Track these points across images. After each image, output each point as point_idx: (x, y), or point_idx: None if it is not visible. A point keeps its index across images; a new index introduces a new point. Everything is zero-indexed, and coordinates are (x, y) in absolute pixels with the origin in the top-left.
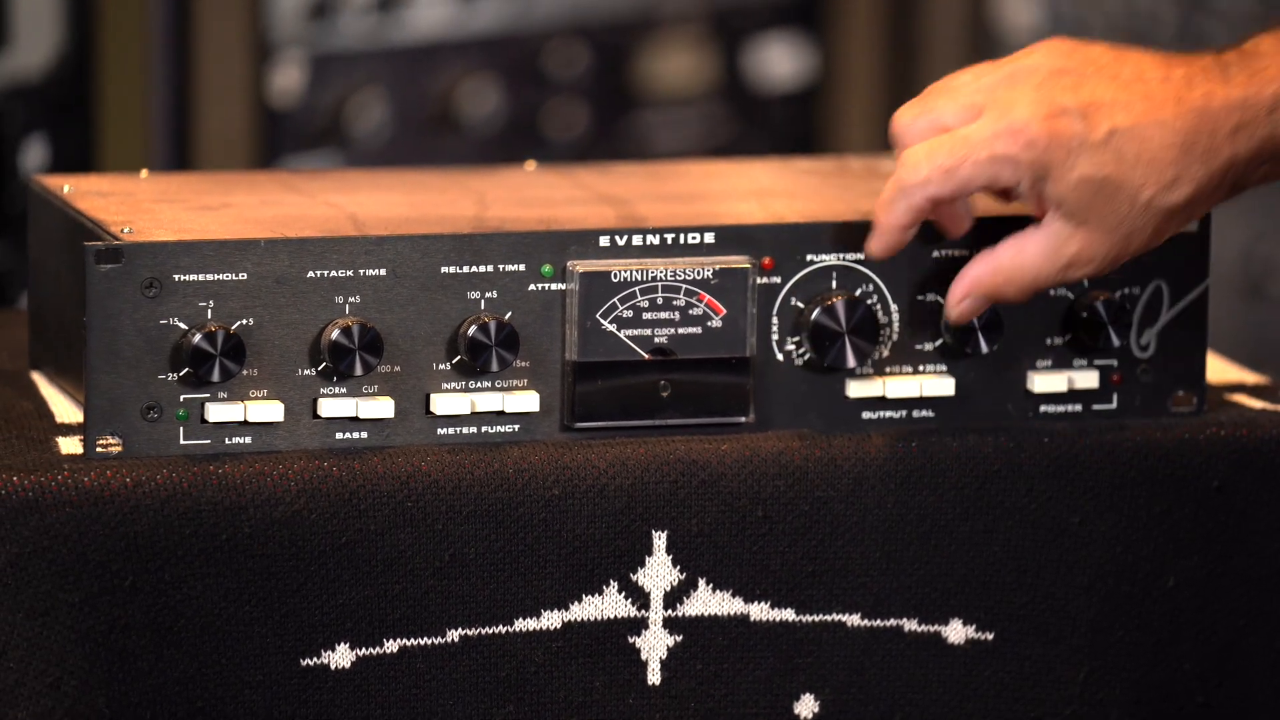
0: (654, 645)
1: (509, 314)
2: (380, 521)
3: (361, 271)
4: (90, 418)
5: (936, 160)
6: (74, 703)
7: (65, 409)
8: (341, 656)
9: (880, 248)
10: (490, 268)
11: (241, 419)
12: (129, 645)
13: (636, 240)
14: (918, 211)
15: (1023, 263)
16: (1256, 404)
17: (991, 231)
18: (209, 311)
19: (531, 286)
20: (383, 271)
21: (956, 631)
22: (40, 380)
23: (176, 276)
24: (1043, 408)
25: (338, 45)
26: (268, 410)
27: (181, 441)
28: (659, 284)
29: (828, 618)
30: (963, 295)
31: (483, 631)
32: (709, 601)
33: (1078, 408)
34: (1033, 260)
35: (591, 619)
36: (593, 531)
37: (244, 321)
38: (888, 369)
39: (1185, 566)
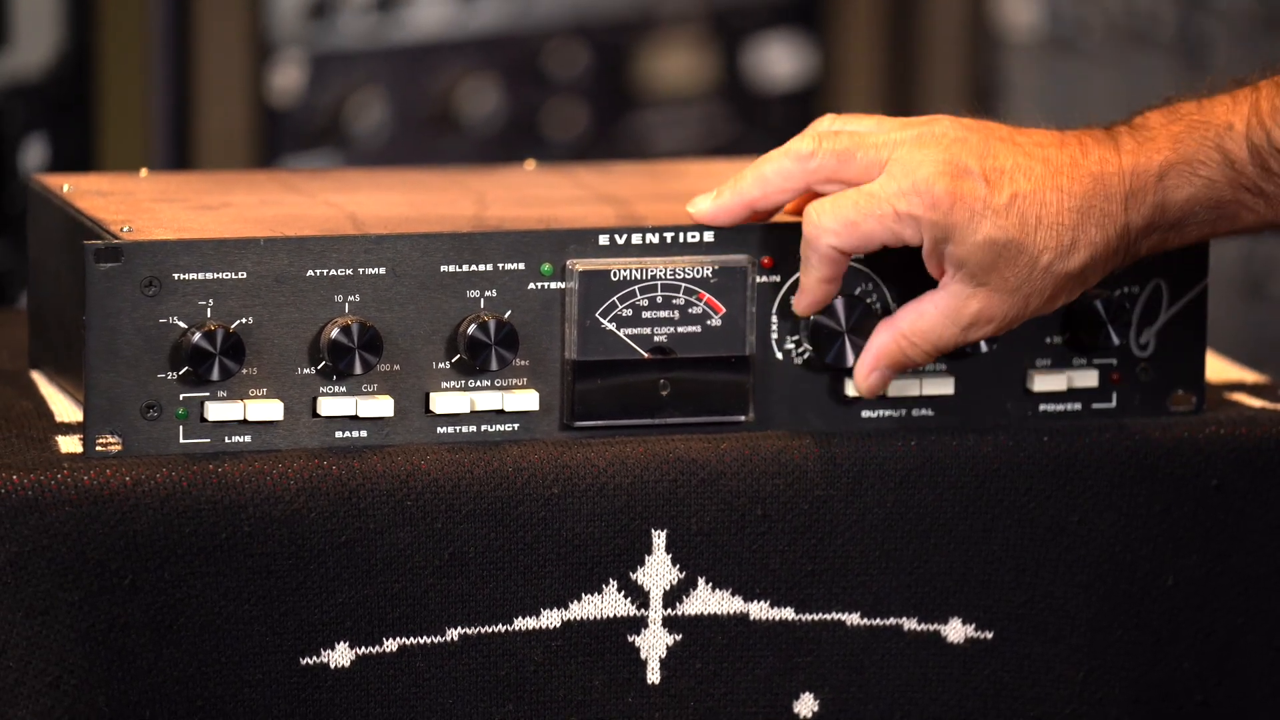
0: (653, 644)
1: (508, 313)
2: (380, 520)
3: (361, 270)
4: (90, 416)
5: (841, 213)
6: (74, 701)
7: (65, 408)
8: (341, 655)
9: (804, 306)
10: (490, 266)
11: (241, 418)
12: (128, 644)
13: (636, 239)
14: (830, 263)
15: (924, 326)
16: (1256, 403)
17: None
18: (208, 310)
19: (531, 285)
20: (382, 270)
21: (956, 630)
22: (40, 379)
23: (176, 275)
24: (1042, 406)
25: (337, 45)
26: (267, 409)
27: (181, 440)
28: (658, 283)
29: (827, 616)
30: (871, 368)
31: (482, 630)
32: (708, 600)
33: (1077, 407)
34: (933, 322)
35: (591, 618)
36: (592, 530)
37: (243, 320)
38: None
39: (1184, 565)
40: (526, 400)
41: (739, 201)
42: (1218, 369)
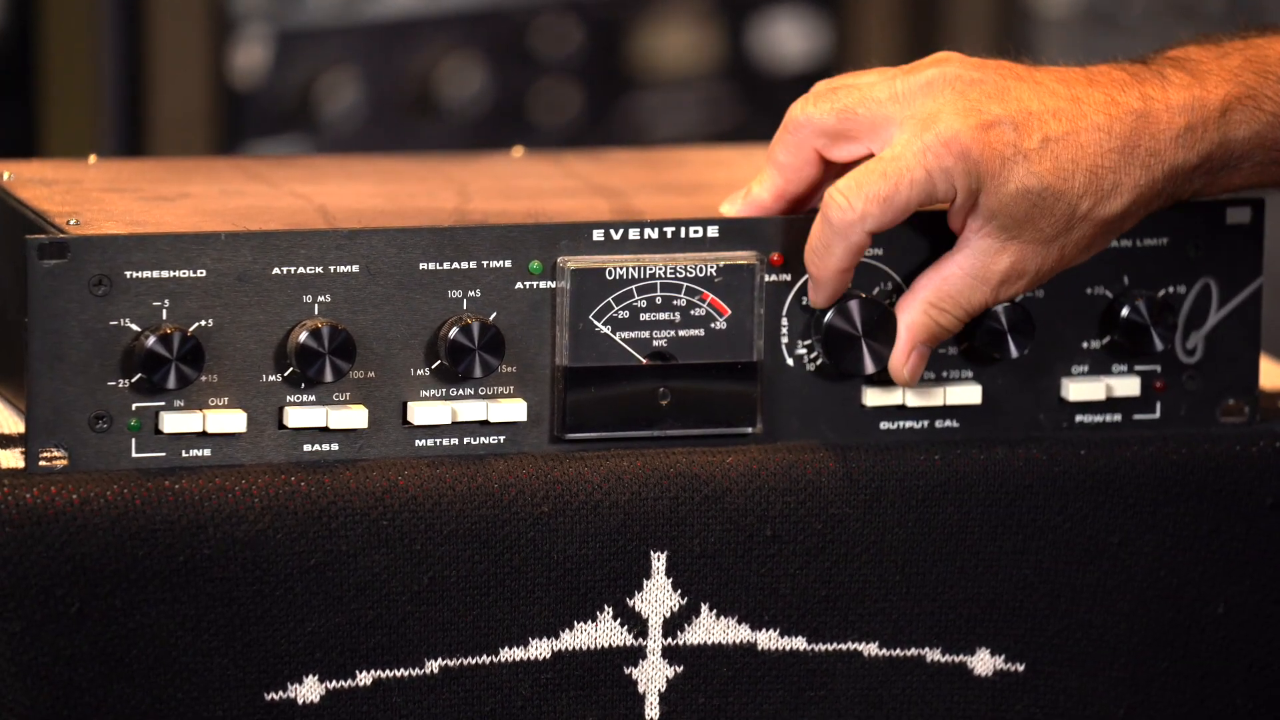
0: (652, 676)
1: (494, 315)
2: (353, 542)
3: (332, 268)
4: (33, 428)
5: (869, 190)
6: None
7: (5, 419)
8: (310, 690)
9: (825, 298)
10: (473, 264)
11: (200, 429)
12: (75, 678)
13: (633, 234)
14: (857, 251)
15: (950, 289)
16: None
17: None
18: (164, 312)
19: (518, 285)
20: (355, 268)
21: (984, 662)
22: None
23: (128, 273)
24: (1078, 417)
25: (306, 20)
26: (229, 420)
27: (134, 454)
28: (657, 282)
29: (842, 647)
30: (908, 350)
31: (465, 662)
32: (712, 629)
33: (1117, 417)
34: (960, 284)
35: (584, 648)
36: (585, 552)
37: (203, 323)
38: None
39: (1236, 591)
40: (513, 410)
41: (767, 193)
42: (1273, 376)
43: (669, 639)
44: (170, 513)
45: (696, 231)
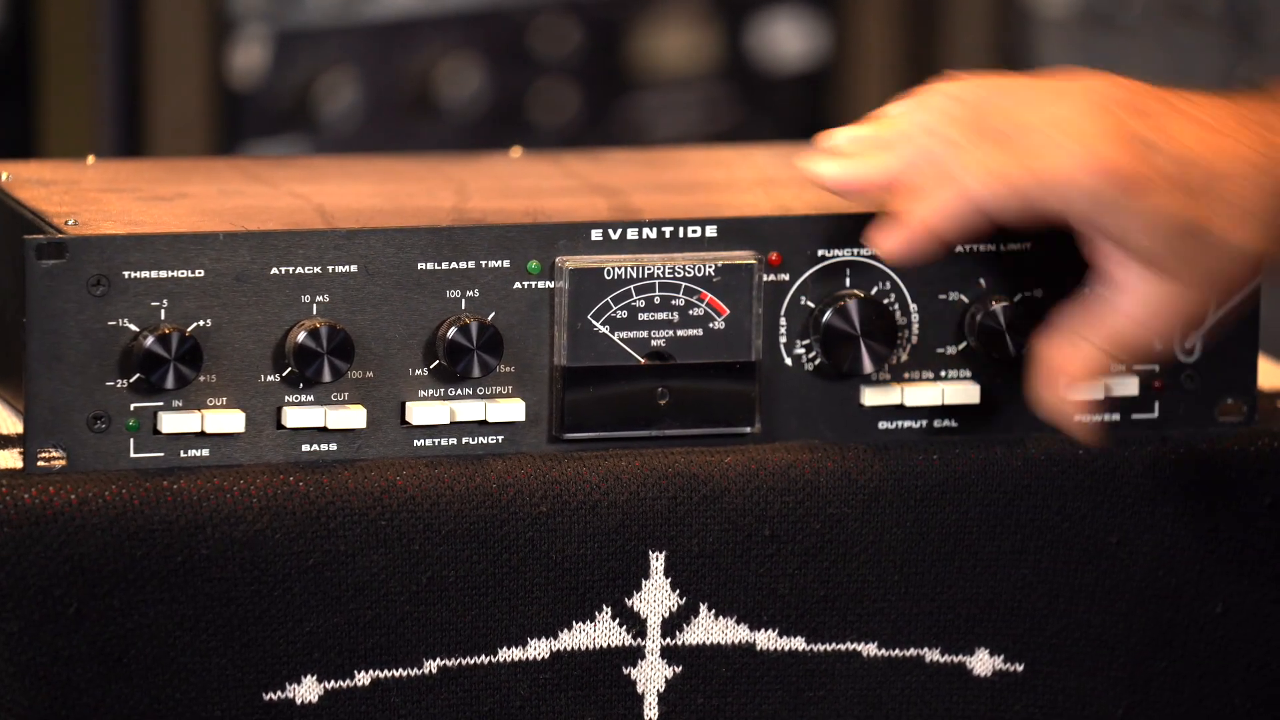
0: (651, 677)
1: (492, 315)
2: (351, 542)
3: (330, 268)
4: (31, 428)
5: (997, 164)
6: None
7: (3, 419)
8: (308, 690)
9: (899, 248)
10: (471, 264)
11: (198, 430)
12: (73, 679)
13: (632, 234)
14: (948, 211)
15: (1121, 336)
16: None
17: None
18: (162, 312)
19: (516, 285)
20: (353, 268)
21: (983, 662)
22: None
23: (126, 273)
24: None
25: (304, 20)
26: (227, 420)
27: (132, 454)
28: (656, 282)
29: (841, 647)
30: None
31: (463, 662)
32: (711, 629)
33: (1115, 417)
34: (1128, 329)
35: (582, 648)
36: (584, 552)
37: (201, 323)
38: (906, 375)
39: (1235, 591)
40: (512, 410)
41: (881, 169)
42: (1271, 375)
43: (668, 639)
44: (168, 513)
45: (695, 231)
